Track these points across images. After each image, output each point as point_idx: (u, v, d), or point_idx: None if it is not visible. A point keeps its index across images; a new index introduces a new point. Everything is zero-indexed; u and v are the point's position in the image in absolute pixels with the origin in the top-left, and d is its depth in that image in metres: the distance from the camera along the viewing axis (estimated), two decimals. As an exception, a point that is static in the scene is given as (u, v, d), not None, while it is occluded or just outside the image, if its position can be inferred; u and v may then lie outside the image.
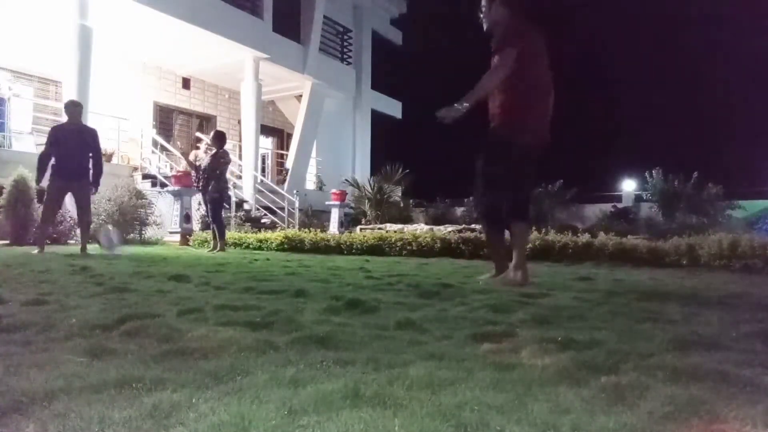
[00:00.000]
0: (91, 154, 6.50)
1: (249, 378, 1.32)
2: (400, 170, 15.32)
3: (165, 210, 10.59)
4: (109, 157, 12.32)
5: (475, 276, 4.01)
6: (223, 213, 8.26)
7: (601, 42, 33.12)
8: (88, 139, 6.52)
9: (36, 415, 1.07)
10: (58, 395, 1.16)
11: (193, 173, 8.79)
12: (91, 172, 6.54)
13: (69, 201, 9.94)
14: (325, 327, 1.92)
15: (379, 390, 1.20)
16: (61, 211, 9.06)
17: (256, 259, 6.10)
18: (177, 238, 9.75)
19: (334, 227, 11.58)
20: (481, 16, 3.48)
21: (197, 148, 13.03)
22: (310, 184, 17.02)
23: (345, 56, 17.83)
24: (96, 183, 6.64)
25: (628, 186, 21.50)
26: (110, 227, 6.10)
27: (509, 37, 3.31)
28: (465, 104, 3.16)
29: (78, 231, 7.74)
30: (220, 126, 16.35)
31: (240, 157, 14.50)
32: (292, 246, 8.13)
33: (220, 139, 7.92)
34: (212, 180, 7.65)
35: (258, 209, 12.48)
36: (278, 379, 1.30)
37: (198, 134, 13.82)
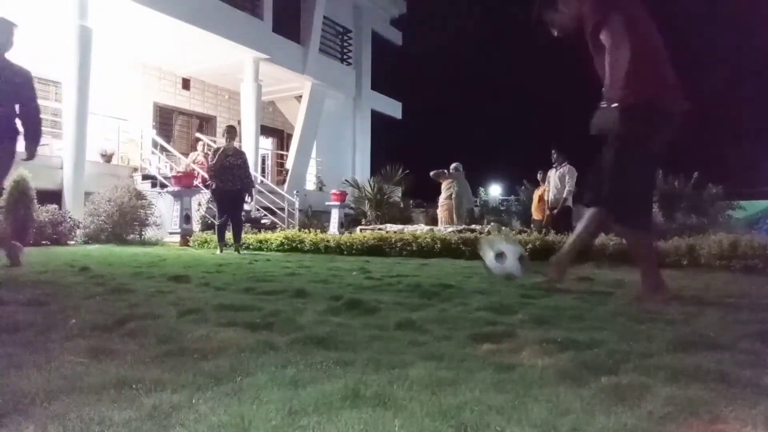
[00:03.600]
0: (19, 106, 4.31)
1: (249, 378, 1.32)
2: (400, 171, 15.33)
3: (165, 211, 10.59)
4: (109, 157, 12.32)
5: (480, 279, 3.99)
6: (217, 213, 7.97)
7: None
8: (15, 84, 4.37)
9: (36, 415, 1.07)
10: (58, 396, 1.16)
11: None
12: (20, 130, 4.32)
13: (70, 199, 9.93)
14: (325, 327, 1.92)
15: (379, 390, 1.20)
16: (61, 211, 9.09)
17: (256, 259, 6.10)
18: (177, 238, 9.75)
19: (334, 228, 11.57)
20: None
21: (196, 149, 13.06)
22: (310, 184, 17.01)
23: (345, 56, 17.82)
24: (33, 141, 4.41)
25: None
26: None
27: (604, 6, 2.79)
28: (613, 105, 2.73)
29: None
30: (220, 127, 16.36)
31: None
32: (292, 246, 8.13)
33: (226, 133, 7.75)
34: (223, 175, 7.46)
35: (258, 210, 12.48)
36: (278, 380, 1.30)
37: (198, 135, 13.83)
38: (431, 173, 10.87)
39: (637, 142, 2.84)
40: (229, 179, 7.45)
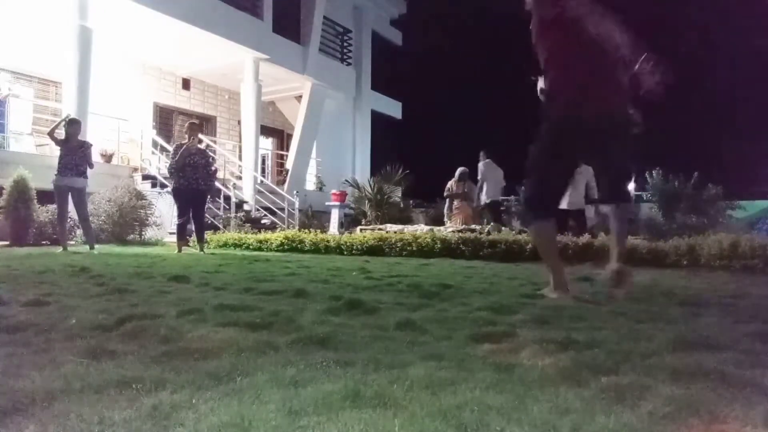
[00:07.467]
0: None
1: (249, 378, 1.32)
2: (400, 170, 15.31)
3: (165, 211, 10.58)
4: (109, 157, 12.32)
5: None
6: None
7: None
8: None
9: (36, 415, 1.07)
10: (58, 396, 1.16)
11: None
12: None
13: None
14: (325, 327, 1.92)
15: (380, 390, 1.20)
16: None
17: (256, 259, 6.10)
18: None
19: (334, 228, 11.57)
20: None
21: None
22: (310, 184, 17.00)
23: (345, 57, 17.82)
24: None
25: (628, 186, 21.56)
26: None
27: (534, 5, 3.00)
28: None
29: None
30: (221, 127, 16.35)
31: (240, 158, 14.51)
32: (292, 247, 8.12)
33: (188, 130, 7.59)
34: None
35: (258, 210, 12.47)
36: (278, 380, 1.30)
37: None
38: (455, 187, 10.99)
39: (546, 140, 3.03)
40: (191, 179, 7.27)
